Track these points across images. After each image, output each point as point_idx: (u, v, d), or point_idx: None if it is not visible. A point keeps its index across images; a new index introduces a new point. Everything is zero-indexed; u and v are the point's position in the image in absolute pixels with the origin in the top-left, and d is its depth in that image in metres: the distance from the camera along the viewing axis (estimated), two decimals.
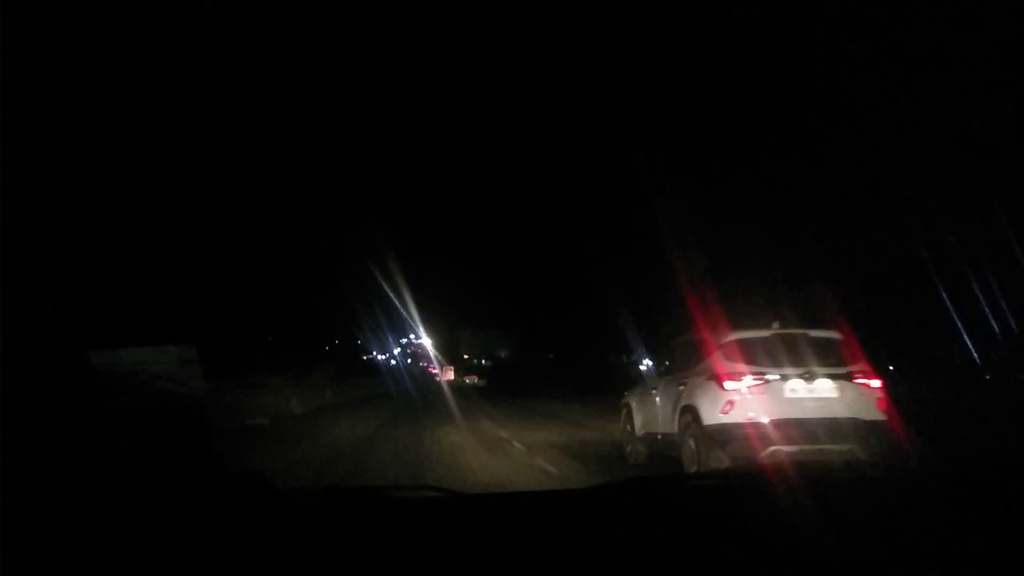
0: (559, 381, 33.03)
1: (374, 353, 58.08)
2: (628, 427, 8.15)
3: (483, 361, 68.25)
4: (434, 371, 51.09)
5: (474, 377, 50.89)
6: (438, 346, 59.09)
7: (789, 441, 5.77)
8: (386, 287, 29.59)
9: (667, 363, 7.53)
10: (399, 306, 33.50)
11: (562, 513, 1.74)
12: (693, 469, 6.22)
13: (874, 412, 5.94)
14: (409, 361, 62.47)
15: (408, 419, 14.63)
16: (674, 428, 6.70)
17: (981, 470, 2.08)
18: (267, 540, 1.46)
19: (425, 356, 60.29)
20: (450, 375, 48.68)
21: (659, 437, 7.18)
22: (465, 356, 68.89)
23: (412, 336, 59.18)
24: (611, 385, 15.03)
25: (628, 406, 8.17)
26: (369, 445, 10.03)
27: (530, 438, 10.81)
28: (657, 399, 7.27)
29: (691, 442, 6.30)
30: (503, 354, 68.41)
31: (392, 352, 62.35)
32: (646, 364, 10.24)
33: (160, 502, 1.57)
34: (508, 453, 9.13)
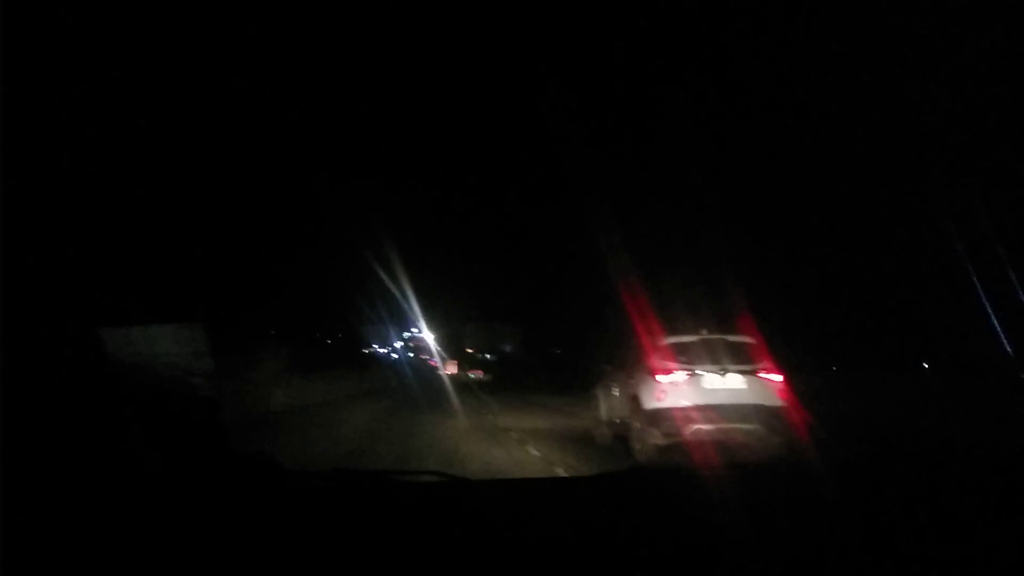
0: (564, 376, 35.20)
1: (374, 346, 60.46)
2: (596, 414, 10.47)
3: (487, 355, 69.90)
4: (435, 364, 52.83)
5: (479, 372, 52.25)
6: (441, 340, 60.95)
7: (707, 421, 8.05)
8: (387, 280, 31.04)
9: (623, 362, 9.80)
10: (400, 299, 34.93)
11: (560, 499, 1.94)
12: (637, 446, 8.51)
13: (775, 400, 8.19)
14: (411, 355, 64.68)
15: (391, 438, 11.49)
16: (626, 413, 8.98)
17: (869, 466, 2.41)
18: (273, 521, 1.59)
19: (427, 350, 62.06)
20: (453, 369, 50.31)
21: (617, 421, 9.48)
22: (469, 350, 70.05)
23: (414, 330, 61.16)
24: None
25: (596, 397, 10.50)
26: None
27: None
28: (615, 390, 9.57)
29: (636, 423, 8.59)
30: (508, 348, 70.03)
31: (393, 345, 64.71)
32: None
33: (172, 488, 1.72)
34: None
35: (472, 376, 49.22)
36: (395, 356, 63.40)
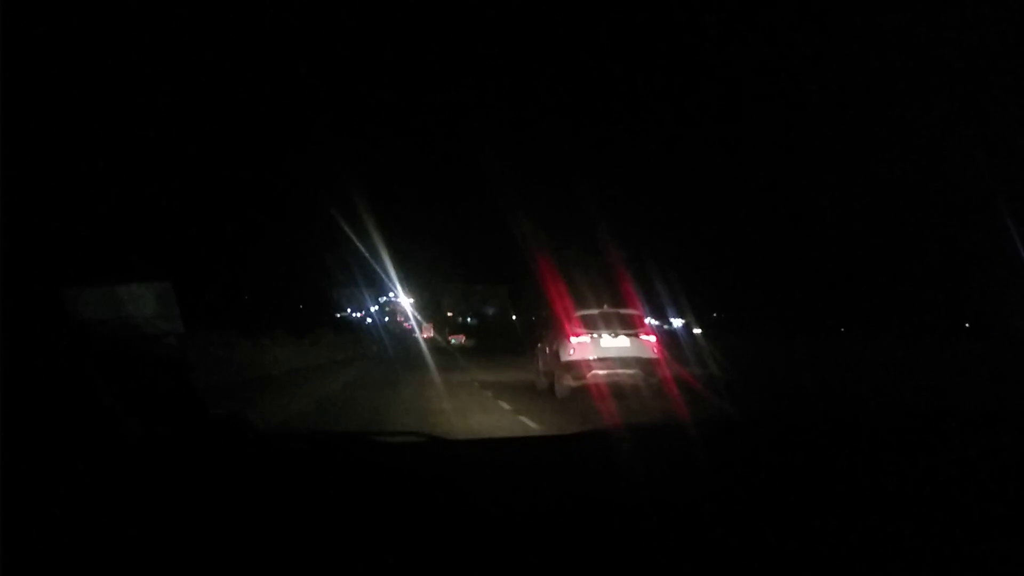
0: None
1: (348, 311, 65.06)
2: (536, 367, 15.61)
3: (468, 319, 74.13)
4: (410, 327, 56.93)
5: (460, 337, 56.28)
6: (420, 303, 65.13)
7: (603, 368, 13.15)
8: (361, 244, 33.54)
9: (550, 327, 14.86)
10: (376, 263, 37.76)
11: (535, 457, 2.24)
12: (557, 386, 13.61)
13: (650, 353, 13.29)
14: (387, 320, 69.48)
15: None
16: (551, 364, 14.08)
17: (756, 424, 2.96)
18: (252, 484, 1.77)
19: (404, 314, 66.33)
20: (429, 333, 53.94)
21: (548, 371, 14.59)
22: (449, 314, 73.78)
23: (391, 294, 65.43)
24: None
25: (535, 354, 15.63)
26: None
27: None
28: (546, 349, 14.67)
29: (556, 371, 13.69)
30: (491, 311, 74.28)
31: (368, 310, 69.38)
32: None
33: (151, 452, 1.89)
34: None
35: (453, 341, 52.89)
36: (370, 321, 67.79)
